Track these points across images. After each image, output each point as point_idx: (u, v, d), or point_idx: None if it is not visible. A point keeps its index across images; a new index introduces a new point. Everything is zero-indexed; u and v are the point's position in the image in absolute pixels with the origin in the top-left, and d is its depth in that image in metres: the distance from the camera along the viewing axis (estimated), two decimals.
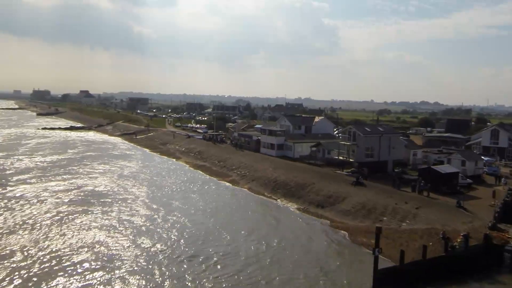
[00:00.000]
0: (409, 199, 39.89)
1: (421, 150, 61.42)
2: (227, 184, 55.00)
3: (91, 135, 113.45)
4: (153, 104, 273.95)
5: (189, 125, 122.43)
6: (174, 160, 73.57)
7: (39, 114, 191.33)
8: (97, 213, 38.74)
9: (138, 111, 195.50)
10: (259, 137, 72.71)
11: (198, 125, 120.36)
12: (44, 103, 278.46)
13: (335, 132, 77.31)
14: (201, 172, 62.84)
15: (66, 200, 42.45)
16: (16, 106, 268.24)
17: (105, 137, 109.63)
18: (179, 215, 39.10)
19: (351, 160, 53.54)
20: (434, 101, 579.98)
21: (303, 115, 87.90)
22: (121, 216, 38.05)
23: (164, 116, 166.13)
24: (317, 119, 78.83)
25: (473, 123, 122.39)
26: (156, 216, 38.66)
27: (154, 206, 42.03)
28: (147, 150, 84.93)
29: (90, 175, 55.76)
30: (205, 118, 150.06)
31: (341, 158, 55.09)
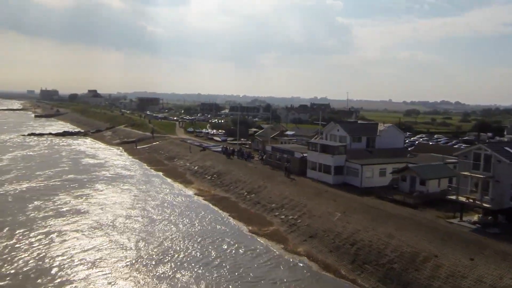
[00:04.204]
0: None
1: None
2: (269, 243, 33.01)
3: (85, 143, 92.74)
4: (165, 104, 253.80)
5: (204, 130, 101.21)
6: (183, 186, 52.09)
7: (37, 116, 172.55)
8: None
9: (148, 112, 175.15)
10: (304, 154, 50.72)
11: (214, 131, 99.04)
12: (50, 103, 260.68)
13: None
14: (223, 212, 41.07)
15: None
16: (20, 107, 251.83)
17: (101, 146, 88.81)
18: None
19: (484, 205, 31.08)
20: (455, 100, 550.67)
21: (359, 121, 65.24)
22: None
23: (175, 118, 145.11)
24: (381, 126, 56.33)
25: None
26: None
27: None
28: (148, 168, 63.82)
29: (48, 226, 34.51)
30: (222, 121, 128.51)
31: (461, 198, 32.61)
